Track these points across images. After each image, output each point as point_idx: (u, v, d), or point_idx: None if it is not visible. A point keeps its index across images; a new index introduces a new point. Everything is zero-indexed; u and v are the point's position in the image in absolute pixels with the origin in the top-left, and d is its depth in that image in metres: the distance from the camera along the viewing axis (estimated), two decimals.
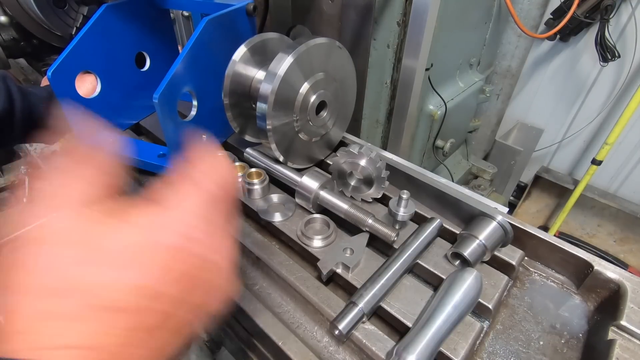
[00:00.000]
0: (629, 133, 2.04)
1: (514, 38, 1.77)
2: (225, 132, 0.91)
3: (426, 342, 0.46)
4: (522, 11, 1.69)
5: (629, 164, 2.18)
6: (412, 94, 1.16)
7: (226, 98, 0.75)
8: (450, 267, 0.60)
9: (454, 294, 0.51)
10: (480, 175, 2.04)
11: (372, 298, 0.52)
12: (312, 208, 0.69)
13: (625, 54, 1.91)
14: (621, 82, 2.00)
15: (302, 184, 0.69)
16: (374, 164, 0.67)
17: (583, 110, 2.21)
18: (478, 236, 0.59)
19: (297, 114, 0.71)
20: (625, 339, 0.50)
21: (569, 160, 2.41)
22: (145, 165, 0.84)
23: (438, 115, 1.39)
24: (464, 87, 1.56)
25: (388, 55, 1.17)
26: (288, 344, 0.50)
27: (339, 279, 0.61)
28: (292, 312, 0.57)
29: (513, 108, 2.35)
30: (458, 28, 1.33)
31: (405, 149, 1.34)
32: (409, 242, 0.61)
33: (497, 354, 0.54)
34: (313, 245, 0.63)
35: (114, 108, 0.95)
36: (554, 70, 2.20)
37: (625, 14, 1.86)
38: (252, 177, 0.73)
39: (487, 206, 0.63)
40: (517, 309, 0.59)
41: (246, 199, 0.74)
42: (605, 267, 0.57)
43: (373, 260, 0.61)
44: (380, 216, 0.68)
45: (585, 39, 2.01)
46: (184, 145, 0.77)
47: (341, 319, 0.50)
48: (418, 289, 0.57)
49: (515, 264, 0.60)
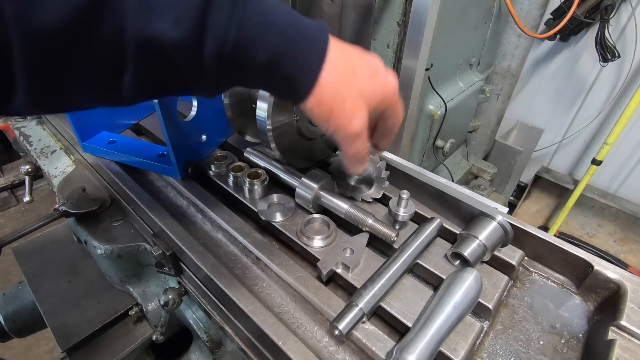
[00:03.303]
0: (629, 133, 2.04)
1: (514, 38, 1.76)
2: (225, 132, 0.91)
3: (426, 342, 0.46)
4: (522, 11, 1.69)
5: (629, 164, 2.18)
6: (412, 94, 1.16)
7: (226, 98, 0.75)
8: (450, 267, 0.60)
9: (454, 294, 0.51)
10: (480, 175, 2.04)
11: (372, 298, 0.52)
12: (312, 208, 0.69)
13: (625, 54, 1.91)
14: (621, 82, 2.00)
15: (302, 184, 0.69)
16: (374, 164, 0.67)
17: (583, 110, 2.21)
18: (478, 236, 0.59)
19: (297, 114, 0.71)
20: (625, 339, 0.50)
21: (569, 160, 2.41)
22: (145, 165, 0.84)
23: (438, 115, 1.39)
24: (464, 87, 1.56)
25: (388, 55, 1.17)
26: (288, 344, 0.50)
27: (339, 279, 0.61)
28: (292, 312, 0.57)
29: (513, 108, 2.35)
30: (458, 28, 1.33)
31: (405, 149, 1.34)
32: (409, 242, 0.61)
33: (497, 354, 0.54)
34: (313, 245, 0.63)
35: (114, 108, 0.95)
36: (554, 70, 2.20)
37: (625, 14, 1.86)
38: (252, 177, 0.73)
39: (487, 206, 0.63)
40: (517, 309, 0.59)
41: (246, 199, 0.74)
42: (605, 267, 0.57)
43: (373, 260, 0.61)
44: (380, 216, 0.68)
45: (585, 39, 2.01)
46: (183, 145, 0.77)
47: (341, 319, 0.50)
48: (418, 289, 0.57)
49: (515, 264, 0.60)
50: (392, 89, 0.51)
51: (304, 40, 0.43)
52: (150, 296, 0.85)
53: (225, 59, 0.40)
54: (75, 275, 0.91)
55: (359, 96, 0.48)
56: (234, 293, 0.56)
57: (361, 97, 0.48)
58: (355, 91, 0.47)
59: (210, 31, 0.38)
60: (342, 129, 0.49)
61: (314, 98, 0.46)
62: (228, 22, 0.39)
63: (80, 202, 0.81)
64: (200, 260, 0.62)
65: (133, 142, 0.90)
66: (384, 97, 0.50)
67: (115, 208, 0.85)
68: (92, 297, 0.87)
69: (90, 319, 0.82)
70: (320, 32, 0.45)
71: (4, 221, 3.06)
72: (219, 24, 0.38)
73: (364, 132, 0.50)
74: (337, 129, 0.49)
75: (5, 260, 1.26)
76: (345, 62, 0.47)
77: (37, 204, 3.11)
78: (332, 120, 0.48)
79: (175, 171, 0.78)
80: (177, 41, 0.38)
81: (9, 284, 1.76)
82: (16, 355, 2.12)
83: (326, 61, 0.45)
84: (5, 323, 0.98)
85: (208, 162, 0.80)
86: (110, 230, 0.80)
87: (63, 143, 1.06)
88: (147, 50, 0.38)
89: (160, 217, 0.70)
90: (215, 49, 0.39)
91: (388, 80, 0.51)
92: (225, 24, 0.39)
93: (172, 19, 0.37)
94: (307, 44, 0.43)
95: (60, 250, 0.97)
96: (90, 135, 0.90)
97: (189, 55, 0.39)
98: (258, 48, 0.41)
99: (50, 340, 1.84)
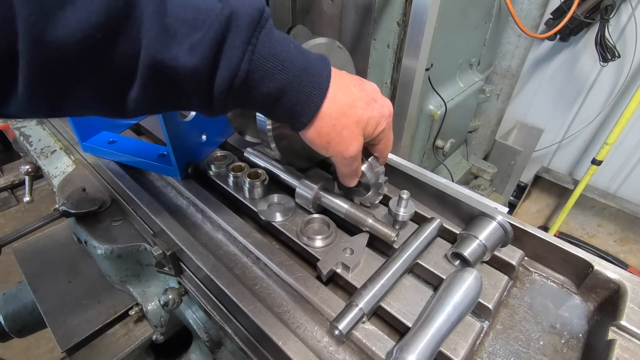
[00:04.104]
0: (629, 133, 2.04)
1: (514, 38, 1.76)
2: (225, 132, 0.91)
3: (426, 342, 0.46)
4: (522, 11, 1.69)
5: (629, 164, 2.18)
6: (412, 94, 1.16)
7: None
8: (450, 267, 0.60)
9: (454, 294, 0.51)
10: (480, 175, 2.04)
11: (372, 298, 0.52)
12: (312, 208, 0.69)
13: (625, 54, 1.91)
14: (621, 82, 2.00)
15: (302, 184, 0.69)
16: (372, 169, 0.66)
17: (583, 110, 2.21)
18: (478, 236, 0.59)
19: None
20: (625, 339, 0.50)
21: (569, 160, 2.41)
22: (145, 165, 0.84)
23: (438, 115, 1.39)
24: (464, 87, 1.56)
25: (388, 55, 1.17)
26: (288, 344, 0.50)
27: (339, 279, 0.61)
28: (292, 312, 0.57)
29: (513, 108, 2.35)
30: (458, 28, 1.33)
31: (405, 149, 1.34)
32: (409, 242, 0.61)
33: (497, 354, 0.54)
34: (313, 245, 0.63)
35: None
36: (554, 70, 2.20)
37: (625, 14, 1.86)
38: (252, 177, 0.73)
39: (487, 206, 0.63)
40: (517, 309, 0.59)
41: (246, 199, 0.74)
42: (605, 267, 0.57)
43: (373, 260, 0.61)
44: (380, 216, 0.68)
45: (585, 39, 2.01)
46: (183, 145, 0.77)
47: (341, 319, 0.50)
48: (418, 289, 0.57)
49: (515, 264, 0.60)
50: (388, 116, 0.56)
51: (308, 76, 0.46)
52: (150, 296, 0.85)
53: (234, 89, 0.42)
54: (75, 275, 0.91)
55: (356, 125, 0.51)
56: (234, 293, 0.56)
57: (358, 126, 0.52)
58: (353, 120, 0.51)
59: (224, 62, 0.40)
60: (340, 155, 0.53)
61: (314, 129, 0.50)
62: (242, 55, 0.40)
63: (80, 202, 0.81)
64: (200, 260, 0.62)
65: (133, 142, 0.90)
66: (379, 124, 0.54)
67: (115, 208, 0.85)
68: (92, 297, 0.86)
69: (90, 319, 0.82)
70: (323, 68, 0.48)
71: (4, 221, 3.06)
72: (234, 56, 0.40)
73: (358, 156, 0.55)
74: (335, 155, 0.53)
75: (5, 260, 1.26)
76: (344, 93, 0.50)
77: (37, 204, 3.11)
78: (331, 148, 0.52)
79: (175, 171, 0.78)
80: (191, 69, 0.39)
81: (9, 284, 1.76)
82: (16, 355, 2.12)
83: (327, 96, 0.48)
84: (5, 323, 0.98)
85: (208, 162, 0.80)
86: (110, 230, 0.80)
87: (63, 143, 1.06)
88: (159, 74, 0.38)
89: (160, 217, 0.70)
90: (227, 79, 0.41)
91: (384, 108, 0.55)
92: (239, 57, 0.40)
93: (188, 47, 0.38)
94: (311, 80, 0.46)
95: (60, 250, 0.97)
96: (90, 135, 0.90)
97: (200, 83, 0.41)
98: (266, 81, 0.43)
99: (50, 340, 1.83)
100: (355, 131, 0.52)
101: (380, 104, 0.54)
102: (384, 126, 0.56)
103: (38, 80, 0.34)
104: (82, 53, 0.34)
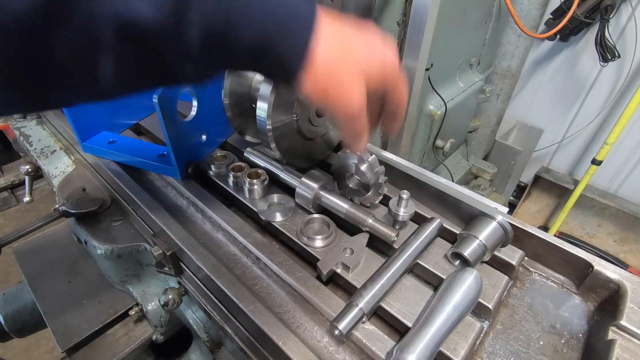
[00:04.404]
0: (629, 133, 2.04)
1: (514, 38, 1.77)
2: (225, 132, 0.91)
3: (426, 342, 0.46)
4: (522, 11, 1.69)
5: (629, 164, 2.18)
6: (412, 94, 1.16)
7: (226, 98, 0.75)
8: (450, 267, 0.60)
9: (454, 294, 0.51)
10: (480, 175, 2.05)
11: (372, 298, 0.52)
12: (312, 208, 0.69)
13: (625, 54, 1.91)
14: (621, 82, 2.00)
15: (302, 184, 0.69)
16: (372, 169, 0.67)
17: (583, 110, 2.21)
18: (478, 236, 0.59)
19: (297, 114, 0.71)
20: (625, 339, 0.50)
21: (569, 160, 2.41)
22: (145, 165, 0.84)
23: (438, 115, 1.39)
24: (464, 87, 1.56)
25: None
26: (288, 344, 0.50)
27: (339, 279, 0.61)
28: (292, 312, 0.57)
29: (513, 108, 2.35)
30: (458, 28, 1.33)
31: (405, 149, 1.34)
32: (409, 242, 0.61)
33: (497, 354, 0.54)
34: (313, 245, 0.63)
35: (114, 108, 0.95)
36: (553, 70, 2.20)
37: (625, 14, 1.86)
38: (252, 177, 0.73)
39: (487, 206, 0.63)
40: (517, 309, 0.59)
41: (246, 199, 0.74)
42: (605, 267, 0.57)
43: (373, 260, 0.61)
44: (380, 216, 0.68)
45: (585, 39, 2.01)
46: (183, 145, 0.77)
47: (341, 319, 0.50)
48: (418, 289, 0.57)
49: (515, 264, 0.60)
50: (392, 64, 0.49)
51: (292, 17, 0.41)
52: (150, 296, 0.85)
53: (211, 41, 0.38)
54: (75, 275, 0.91)
55: (356, 73, 0.46)
56: (234, 293, 0.56)
57: (359, 74, 0.46)
58: (352, 68, 0.45)
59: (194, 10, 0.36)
60: (341, 109, 0.47)
61: (308, 78, 0.44)
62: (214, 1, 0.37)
63: (80, 202, 0.81)
64: (200, 260, 0.62)
65: (133, 142, 0.90)
66: (383, 73, 0.48)
67: (115, 208, 0.85)
68: (92, 297, 0.86)
69: (90, 319, 0.82)
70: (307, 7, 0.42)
71: (4, 221, 3.06)
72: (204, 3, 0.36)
73: (362, 111, 0.48)
74: (336, 109, 0.47)
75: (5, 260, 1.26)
76: (340, 37, 0.45)
77: (37, 204, 3.11)
78: (329, 100, 0.46)
79: (175, 171, 0.78)
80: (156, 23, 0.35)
81: (9, 284, 1.76)
82: (16, 355, 2.12)
83: (318, 37, 0.42)
84: (5, 323, 0.98)
85: (208, 162, 0.80)
86: (110, 230, 0.80)
87: (63, 143, 1.06)
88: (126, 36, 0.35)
89: (160, 217, 0.70)
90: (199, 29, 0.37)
91: (387, 55, 0.48)
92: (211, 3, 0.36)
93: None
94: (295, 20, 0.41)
95: (60, 250, 0.97)
96: (90, 135, 0.90)
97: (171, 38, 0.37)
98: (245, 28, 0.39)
99: (50, 340, 1.83)
100: (356, 80, 0.46)
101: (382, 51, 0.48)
102: (391, 76, 0.49)
103: (5, 62, 0.32)
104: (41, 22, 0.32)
